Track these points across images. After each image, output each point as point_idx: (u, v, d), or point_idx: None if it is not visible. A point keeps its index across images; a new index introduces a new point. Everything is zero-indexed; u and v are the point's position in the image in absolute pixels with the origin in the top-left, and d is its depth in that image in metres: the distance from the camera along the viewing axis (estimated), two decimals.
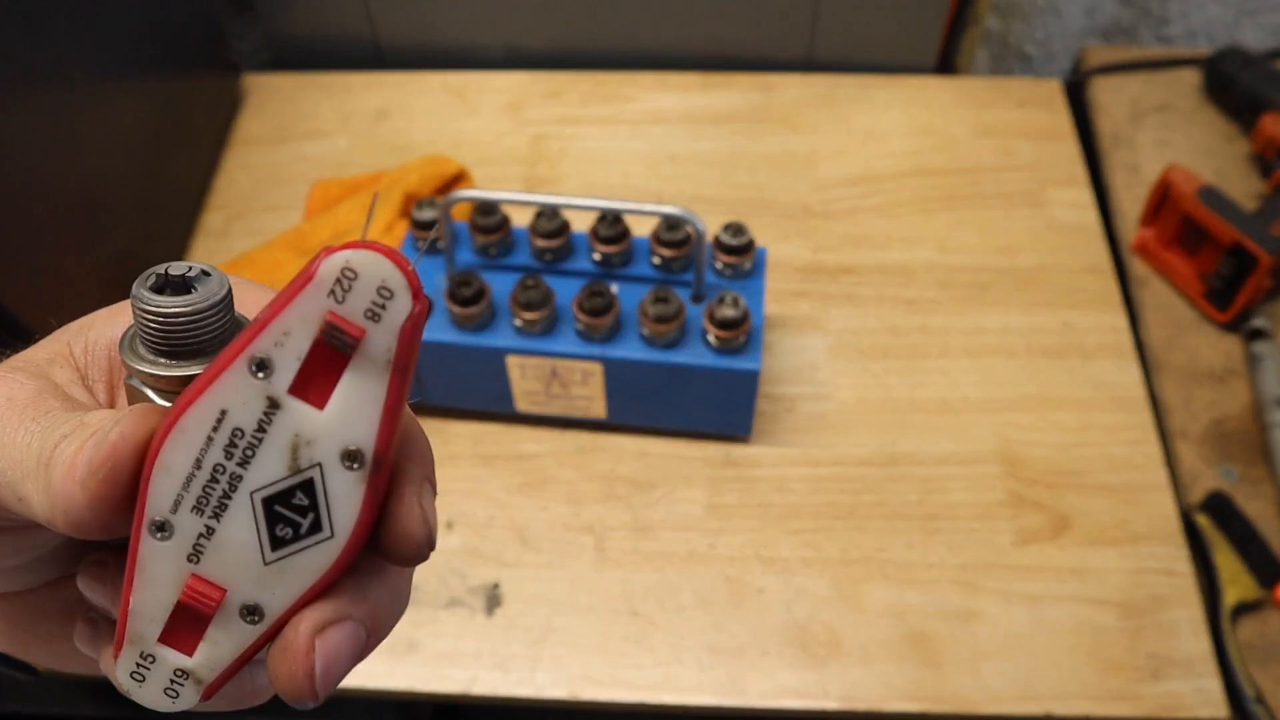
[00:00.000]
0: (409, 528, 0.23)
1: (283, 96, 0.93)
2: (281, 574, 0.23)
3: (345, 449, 0.22)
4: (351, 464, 0.23)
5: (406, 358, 0.22)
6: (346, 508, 0.23)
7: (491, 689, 0.61)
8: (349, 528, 0.23)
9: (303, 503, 0.23)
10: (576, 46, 0.95)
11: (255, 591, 0.23)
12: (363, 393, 0.22)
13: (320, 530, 0.23)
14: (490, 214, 0.67)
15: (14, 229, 0.60)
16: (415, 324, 0.22)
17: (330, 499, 0.23)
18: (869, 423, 0.71)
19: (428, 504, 0.24)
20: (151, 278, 0.23)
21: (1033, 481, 0.68)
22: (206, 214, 0.84)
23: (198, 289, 0.23)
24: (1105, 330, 0.76)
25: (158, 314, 0.23)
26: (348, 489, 0.23)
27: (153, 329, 0.23)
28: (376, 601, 0.24)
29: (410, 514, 0.23)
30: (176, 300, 0.23)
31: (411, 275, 0.22)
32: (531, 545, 0.66)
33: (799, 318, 0.77)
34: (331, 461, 0.23)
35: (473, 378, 0.67)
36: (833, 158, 0.87)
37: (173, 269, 0.23)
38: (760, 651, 0.62)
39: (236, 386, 0.22)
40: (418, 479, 0.24)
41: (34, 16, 0.62)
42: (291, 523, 0.23)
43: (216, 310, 0.23)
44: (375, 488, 0.23)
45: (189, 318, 0.23)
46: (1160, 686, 0.60)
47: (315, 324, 0.22)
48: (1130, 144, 0.88)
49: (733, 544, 0.66)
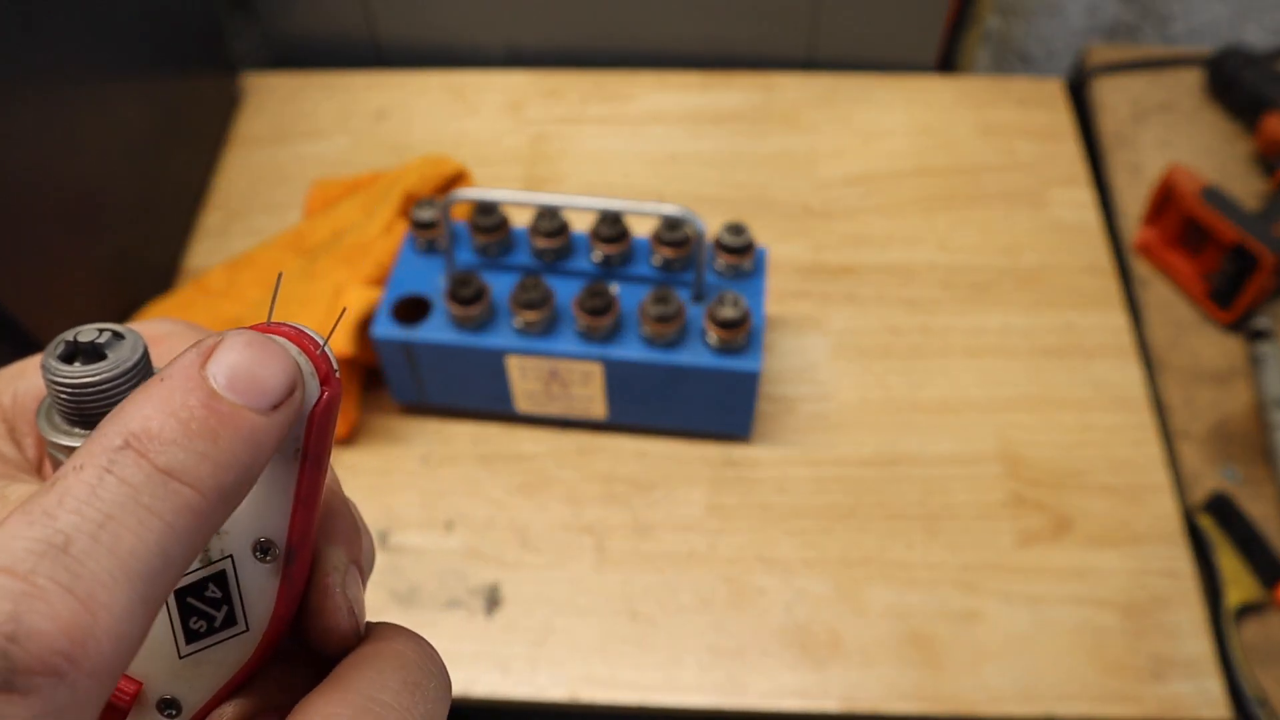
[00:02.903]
0: (330, 620, 0.23)
1: (282, 96, 0.93)
2: (197, 667, 0.22)
3: (256, 540, 0.22)
4: (264, 556, 0.22)
5: (317, 446, 0.21)
6: (260, 600, 0.22)
7: (491, 690, 0.61)
8: (263, 621, 0.22)
9: (216, 595, 0.22)
10: (576, 46, 0.95)
11: (171, 685, 0.22)
12: (272, 482, 0.21)
13: (235, 624, 0.22)
14: (490, 214, 0.67)
15: (13, 228, 0.60)
16: (324, 411, 0.21)
17: (243, 591, 0.22)
18: (870, 423, 0.71)
19: (353, 591, 0.23)
20: (61, 345, 0.22)
21: (1034, 482, 0.68)
22: (205, 213, 0.84)
23: (109, 355, 0.22)
24: (1107, 330, 0.75)
25: (67, 385, 0.22)
26: (261, 581, 0.22)
27: (64, 399, 0.22)
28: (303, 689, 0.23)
29: (332, 605, 0.23)
30: (86, 370, 0.22)
31: (320, 360, 0.21)
32: (531, 546, 0.66)
33: (799, 318, 0.76)
34: (243, 553, 0.22)
35: (473, 378, 0.67)
36: (833, 157, 0.86)
37: (82, 335, 0.22)
38: (761, 652, 0.62)
39: None
40: (341, 566, 0.23)
41: (32, 16, 0.61)
42: (205, 615, 0.22)
43: (129, 377, 0.22)
44: (290, 579, 0.22)
45: (99, 387, 0.22)
46: (1162, 687, 0.60)
47: None
48: (1132, 143, 0.87)
49: (733, 544, 0.66)
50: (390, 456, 0.70)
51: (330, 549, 0.23)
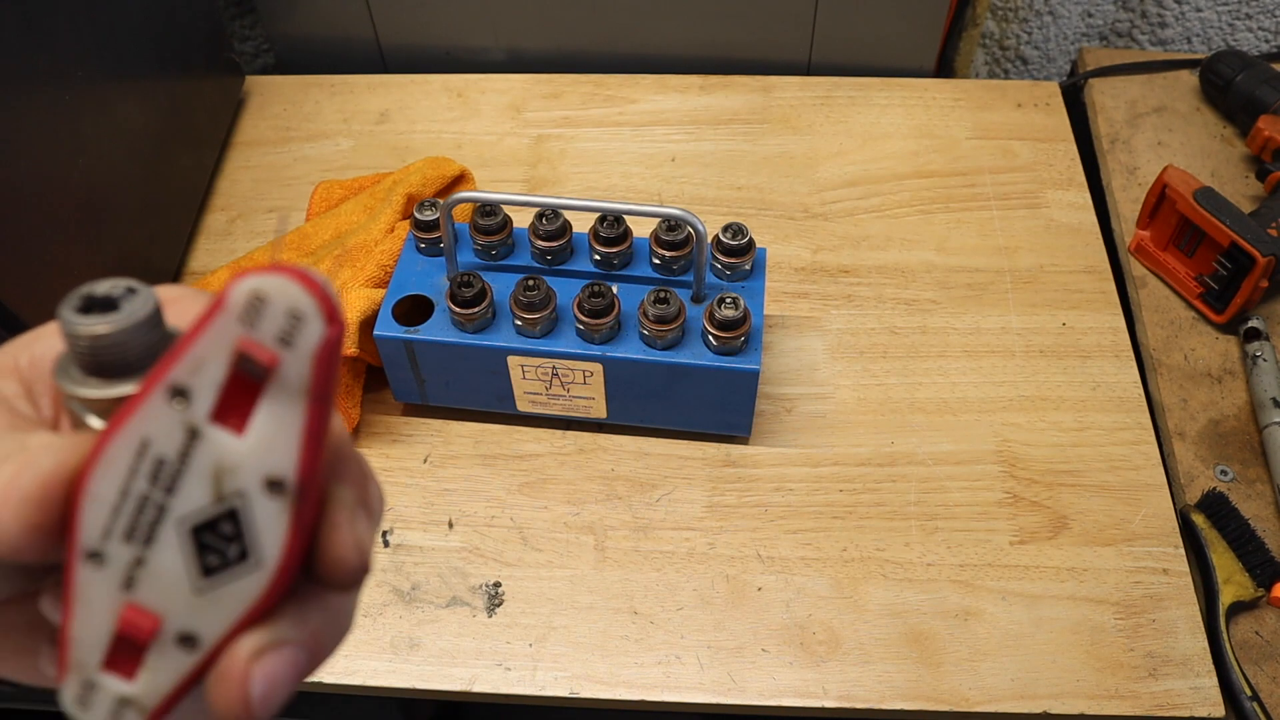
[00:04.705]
0: (340, 554, 0.23)
1: (285, 98, 0.93)
2: (214, 602, 0.23)
3: (267, 477, 0.22)
4: (274, 492, 0.22)
5: (323, 383, 0.22)
6: (272, 536, 0.23)
7: (492, 687, 0.61)
8: (276, 556, 0.23)
9: (229, 531, 0.23)
10: (577, 50, 0.96)
11: (190, 620, 0.23)
12: (281, 420, 0.22)
13: (248, 559, 0.23)
14: (491, 215, 0.67)
15: (17, 229, 0.61)
16: (329, 349, 0.22)
17: (255, 528, 0.22)
18: (868, 423, 0.71)
19: (361, 528, 0.24)
20: (78, 298, 0.23)
21: (1031, 481, 0.69)
22: (209, 214, 0.85)
23: (123, 307, 0.23)
24: (1103, 331, 0.76)
25: (83, 335, 0.23)
26: (272, 517, 0.22)
27: (81, 350, 0.23)
28: (316, 625, 0.24)
29: (341, 540, 0.23)
30: (101, 319, 0.23)
31: (324, 298, 0.21)
32: (532, 545, 0.67)
33: (799, 318, 0.77)
34: (254, 490, 0.22)
35: (474, 378, 0.67)
36: (832, 159, 0.87)
37: (98, 288, 0.23)
38: (759, 650, 0.62)
39: (156, 416, 0.22)
40: (349, 503, 0.24)
41: (37, 18, 0.62)
42: (219, 551, 0.23)
43: (142, 328, 0.23)
44: (301, 515, 0.23)
45: (114, 337, 0.23)
46: (1157, 685, 0.60)
47: (227, 351, 0.22)
48: (1128, 146, 0.88)
49: (732, 543, 0.66)
50: (392, 456, 0.71)
51: (339, 488, 0.24)
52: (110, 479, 0.22)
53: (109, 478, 0.22)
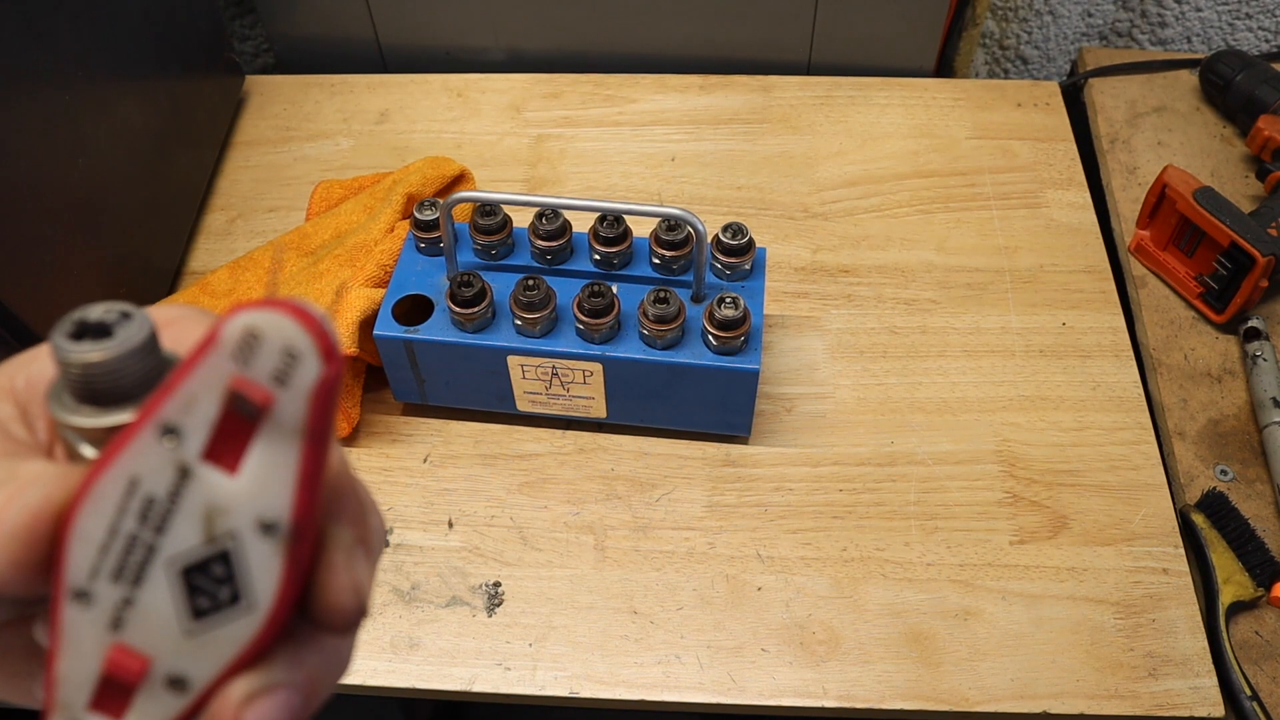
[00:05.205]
0: (336, 598, 0.23)
1: (285, 98, 0.93)
2: (204, 645, 0.22)
3: (260, 519, 0.22)
4: (268, 534, 0.22)
5: (319, 423, 0.21)
6: (266, 579, 0.22)
7: (492, 687, 0.61)
8: (269, 600, 0.22)
9: (220, 573, 0.22)
10: (577, 50, 0.96)
11: (179, 662, 0.22)
12: (275, 461, 0.21)
13: (240, 602, 0.22)
14: (491, 215, 0.67)
15: (17, 229, 0.61)
16: (326, 388, 0.21)
17: (248, 570, 0.22)
18: (868, 423, 0.71)
19: (359, 570, 0.23)
20: (70, 324, 0.22)
21: (1030, 481, 0.69)
22: (209, 214, 0.85)
23: (117, 333, 0.22)
24: (1103, 330, 0.76)
25: (75, 363, 0.22)
26: (265, 560, 0.22)
27: (74, 377, 0.22)
28: (311, 667, 0.23)
29: (337, 584, 0.23)
30: (94, 347, 0.22)
31: (320, 335, 0.21)
32: (532, 544, 0.67)
33: (798, 318, 0.77)
34: (247, 532, 0.22)
35: (474, 378, 0.67)
36: (832, 159, 0.87)
37: (91, 313, 0.23)
38: (759, 650, 0.62)
39: (146, 454, 0.21)
40: (347, 544, 0.23)
41: (37, 18, 0.62)
42: (210, 594, 0.22)
43: (136, 355, 0.22)
44: (295, 558, 0.22)
45: (108, 365, 0.22)
46: (1157, 685, 0.60)
47: (220, 390, 0.21)
48: (1127, 145, 0.88)
49: (732, 543, 0.66)
50: (392, 456, 0.71)
51: (336, 528, 0.23)
52: (98, 517, 0.22)
53: (97, 516, 0.21)
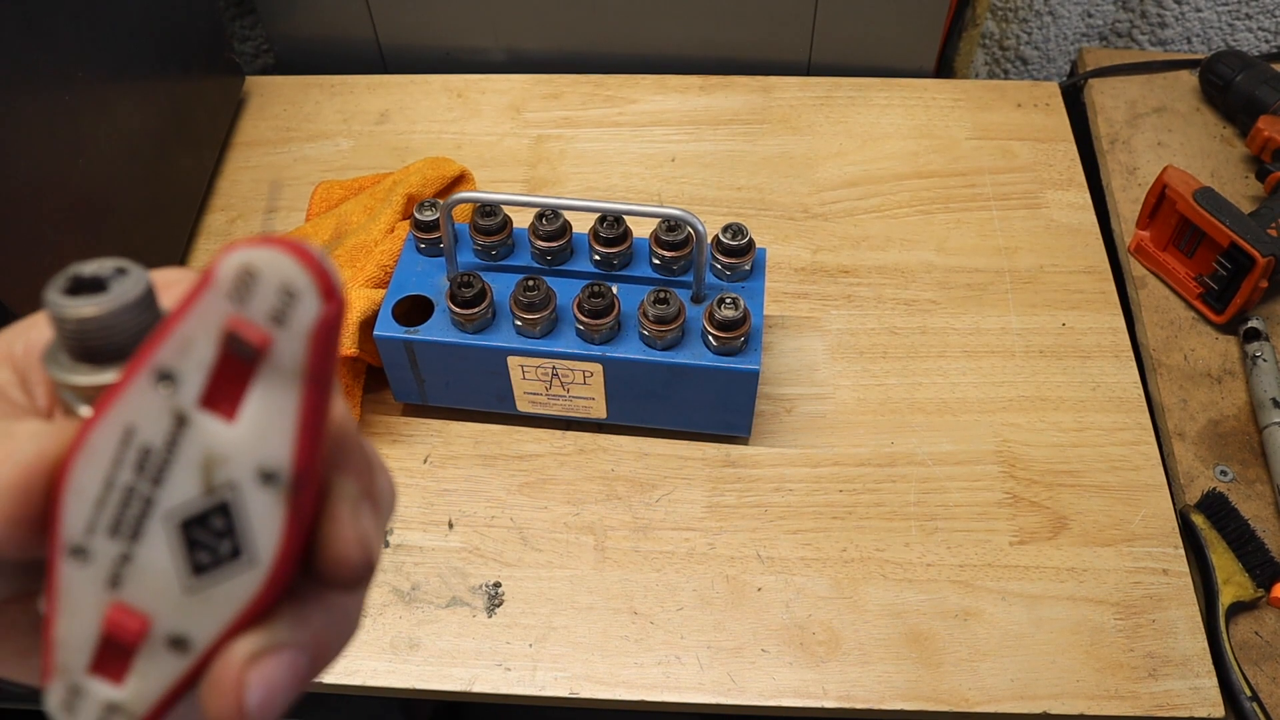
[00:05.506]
0: (341, 550, 0.21)
1: (285, 98, 0.93)
2: (205, 603, 0.21)
3: (260, 468, 0.20)
4: (269, 484, 0.20)
5: (320, 365, 0.20)
6: (267, 532, 0.21)
7: (492, 687, 0.61)
8: (271, 554, 0.21)
9: (220, 526, 0.21)
10: (577, 50, 0.96)
11: (180, 621, 0.21)
12: (275, 405, 0.20)
13: (241, 556, 0.21)
14: (491, 215, 0.67)
15: (17, 230, 0.61)
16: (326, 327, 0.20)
17: (249, 523, 0.21)
18: (868, 423, 0.71)
19: (365, 522, 0.22)
20: (63, 279, 0.22)
21: (1030, 481, 0.69)
22: (209, 215, 0.85)
23: (112, 288, 0.21)
24: (1103, 331, 0.76)
25: (69, 318, 0.21)
26: (267, 511, 0.21)
27: (68, 334, 0.22)
28: (318, 627, 0.22)
29: (342, 535, 0.21)
30: (88, 301, 0.21)
31: (320, 273, 0.20)
32: (532, 545, 0.67)
33: (798, 318, 0.77)
34: (247, 481, 0.20)
35: (474, 378, 0.67)
36: (832, 159, 0.87)
37: (86, 269, 0.22)
38: (759, 650, 0.62)
39: (141, 402, 0.20)
40: (352, 495, 0.22)
41: (37, 18, 0.62)
42: (210, 548, 0.21)
43: (132, 310, 0.21)
44: (298, 509, 0.21)
45: (102, 320, 0.21)
46: (1157, 685, 0.60)
47: (216, 331, 0.20)
48: (1127, 146, 0.88)
49: (732, 543, 0.66)
50: (392, 456, 0.71)
51: (340, 479, 0.22)
52: (93, 469, 0.21)
53: (92, 468, 0.21)
